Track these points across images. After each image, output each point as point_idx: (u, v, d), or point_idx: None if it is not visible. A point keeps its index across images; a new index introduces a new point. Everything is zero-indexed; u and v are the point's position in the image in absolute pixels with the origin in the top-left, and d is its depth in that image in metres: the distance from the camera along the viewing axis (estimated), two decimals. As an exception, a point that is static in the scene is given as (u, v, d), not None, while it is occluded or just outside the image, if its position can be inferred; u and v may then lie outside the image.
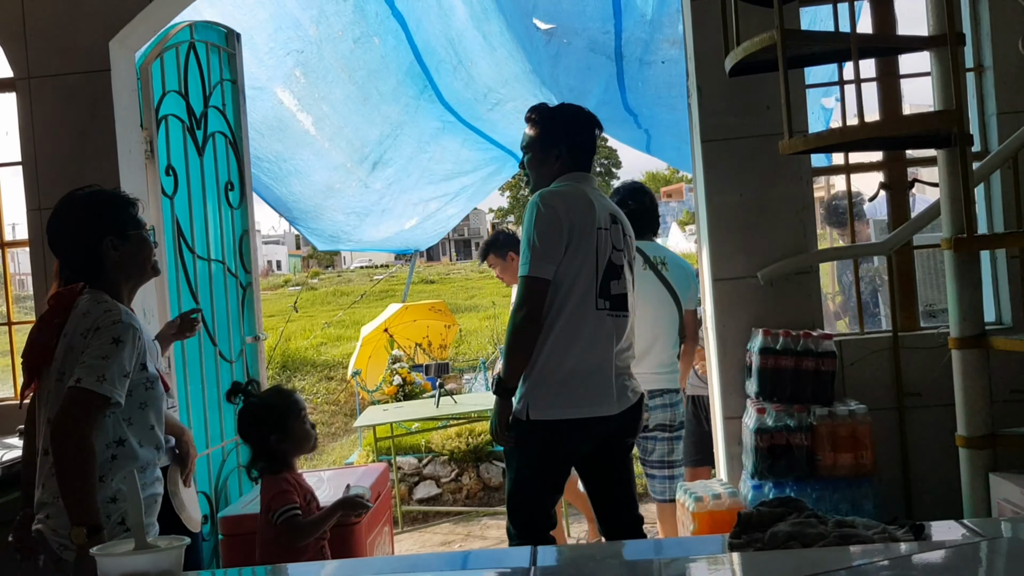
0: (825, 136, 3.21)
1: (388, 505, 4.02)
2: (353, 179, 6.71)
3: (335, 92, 5.90)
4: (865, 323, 4.07)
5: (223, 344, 4.13)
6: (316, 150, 6.26)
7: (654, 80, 5.72)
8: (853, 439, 3.38)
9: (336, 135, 6.25)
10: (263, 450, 2.86)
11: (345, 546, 3.31)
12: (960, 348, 2.97)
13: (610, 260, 2.92)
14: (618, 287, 2.93)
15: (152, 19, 3.75)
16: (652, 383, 3.88)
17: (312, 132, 6.08)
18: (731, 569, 1.54)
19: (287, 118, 5.89)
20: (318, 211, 6.81)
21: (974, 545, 1.53)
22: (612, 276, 2.93)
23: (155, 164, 3.77)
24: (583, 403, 2.84)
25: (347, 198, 6.87)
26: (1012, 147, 3.30)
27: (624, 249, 2.99)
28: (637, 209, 3.96)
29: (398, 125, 6.45)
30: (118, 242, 2.31)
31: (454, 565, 2.01)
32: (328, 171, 6.52)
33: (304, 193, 6.53)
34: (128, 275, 2.36)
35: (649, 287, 3.88)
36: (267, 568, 2.48)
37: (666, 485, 3.97)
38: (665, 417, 3.94)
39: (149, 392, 2.29)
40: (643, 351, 3.82)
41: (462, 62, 6.03)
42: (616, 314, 2.93)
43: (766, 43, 3.01)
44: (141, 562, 1.40)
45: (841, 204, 4.88)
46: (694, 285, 4.08)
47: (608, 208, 3.01)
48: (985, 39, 3.78)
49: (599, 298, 2.87)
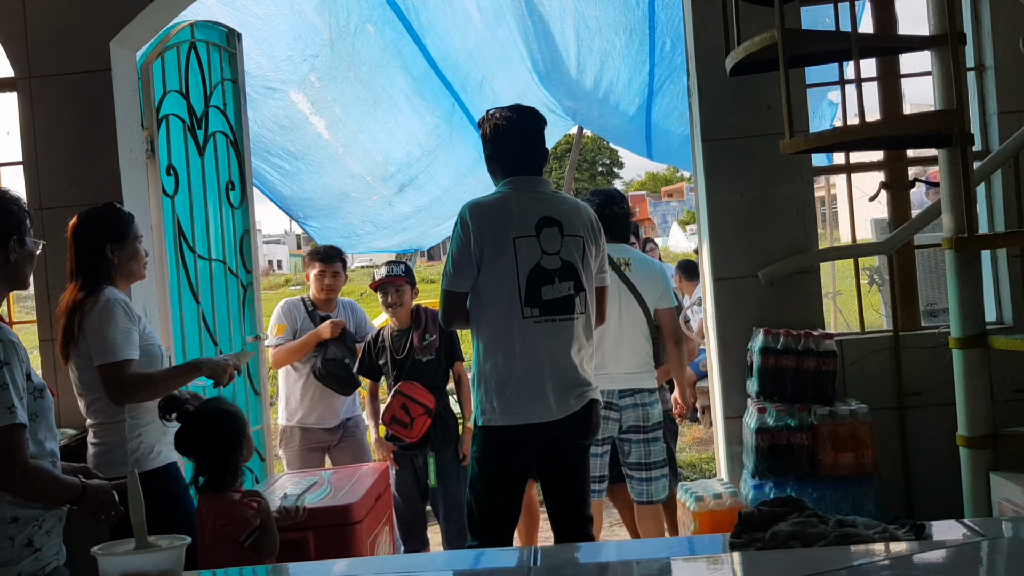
0: (826, 136, 3.21)
1: (389, 505, 4.02)
2: (374, 194, 6.59)
3: (345, 93, 5.81)
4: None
5: (224, 343, 4.13)
6: (330, 154, 6.15)
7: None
8: (854, 439, 3.38)
9: (351, 142, 6.13)
10: (223, 465, 2.65)
11: (345, 546, 3.31)
12: (961, 348, 2.97)
13: (538, 265, 2.90)
14: (553, 292, 2.90)
15: (153, 19, 3.75)
16: (622, 383, 3.86)
17: (326, 136, 5.98)
18: (732, 568, 1.54)
19: (299, 120, 5.81)
20: (332, 211, 6.69)
21: (975, 545, 1.53)
22: (542, 282, 2.90)
23: (156, 164, 3.77)
24: (515, 410, 2.89)
25: (367, 209, 6.76)
26: (1013, 147, 3.30)
27: (557, 252, 2.92)
28: (610, 215, 3.96)
29: (430, 151, 6.33)
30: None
31: (454, 565, 2.01)
32: (344, 178, 6.38)
33: (316, 193, 6.42)
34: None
35: (612, 288, 3.87)
36: (267, 568, 2.48)
37: (644, 487, 3.90)
38: (637, 416, 3.87)
39: (39, 403, 2.21)
40: (610, 351, 3.83)
41: (485, 77, 5.99)
42: (551, 319, 2.91)
43: (767, 42, 3.01)
44: (142, 562, 1.40)
45: None
46: (663, 284, 4.02)
47: (542, 212, 2.95)
48: (986, 38, 3.78)
49: (525, 306, 2.88)
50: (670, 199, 45.79)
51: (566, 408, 2.92)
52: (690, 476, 5.81)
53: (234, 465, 2.67)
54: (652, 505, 3.92)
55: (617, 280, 3.88)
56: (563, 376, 2.93)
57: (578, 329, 2.97)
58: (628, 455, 3.92)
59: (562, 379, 2.93)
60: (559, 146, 32.42)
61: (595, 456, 3.85)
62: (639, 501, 3.94)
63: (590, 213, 3.11)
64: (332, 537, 3.28)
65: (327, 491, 3.61)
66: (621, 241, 4.05)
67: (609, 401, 3.84)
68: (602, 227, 3.14)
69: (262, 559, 2.61)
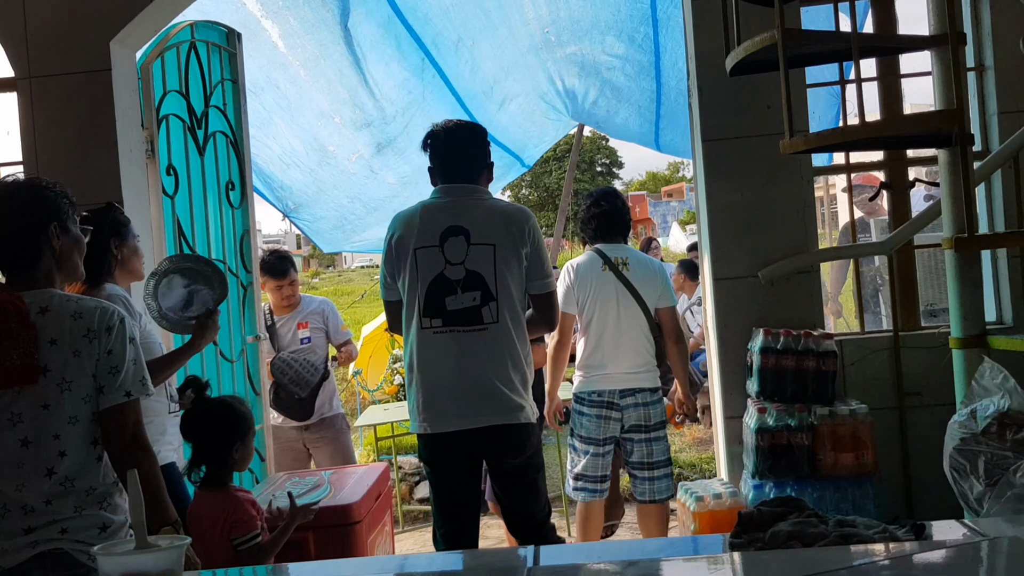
0: (826, 136, 3.21)
1: (389, 504, 4.03)
2: (350, 150, 6.25)
3: (300, 4, 5.23)
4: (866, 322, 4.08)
5: (224, 343, 4.13)
6: (292, 77, 5.61)
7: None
8: (854, 439, 3.38)
9: (311, 65, 5.57)
10: (217, 457, 2.69)
11: (345, 546, 3.31)
12: (961, 348, 2.97)
13: (441, 275, 2.89)
14: (457, 302, 2.87)
15: (153, 19, 3.75)
16: (623, 383, 3.87)
17: (281, 48, 5.41)
18: (732, 569, 1.53)
19: (251, 22, 5.16)
20: (318, 192, 6.36)
21: (975, 545, 1.53)
22: (445, 292, 2.89)
23: (156, 164, 3.77)
24: (428, 419, 2.93)
25: (350, 178, 6.45)
26: (1013, 147, 3.30)
27: (462, 262, 2.89)
28: (610, 210, 4.03)
29: (404, 108, 6.05)
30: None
31: (454, 565, 2.01)
32: (314, 116, 5.91)
33: (295, 151, 5.96)
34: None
35: (609, 288, 3.89)
36: (267, 568, 2.48)
37: (646, 486, 3.90)
38: (639, 416, 3.87)
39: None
40: (610, 351, 3.86)
41: (462, 39, 5.74)
42: (454, 330, 2.88)
43: (767, 43, 3.01)
44: (142, 561, 1.39)
45: None
46: (663, 283, 4.01)
47: (448, 221, 2.93)
48: (986, 38, 3.78)
49: (424, 317, 2.91)
50: (670, 199, 45.79)
51: (480, 420, 2.87)
52: (690, 476, 5.81)
53: (228, 463, 2.70)
54: (655, 504, 3.92)
55: (615, 280, 3.88)
56: (473, 387, 2.88)
57: (494, 340, 2.89)
58: (631, 454, 3.92)
59: (471, 390, 2.88)
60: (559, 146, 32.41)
61: (597, 456, 3.88)
62: (642, 500, 3.94)
63: (515, 218, 2.98)
64: (332, 537, 3.29)
65: (327, 491, 3.61)
66: (619, 239, 4.05)
67: (610, 401, 3.86)
68: (535, 232, 3.01)
69: (255, 563, 2.61)
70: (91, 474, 2.10)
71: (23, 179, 2.23)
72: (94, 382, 2.08)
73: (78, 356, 2.06)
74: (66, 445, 2.06)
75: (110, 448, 2.11)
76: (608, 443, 3.90)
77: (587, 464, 3.89)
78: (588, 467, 3.89)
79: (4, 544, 2.04)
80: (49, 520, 2.07)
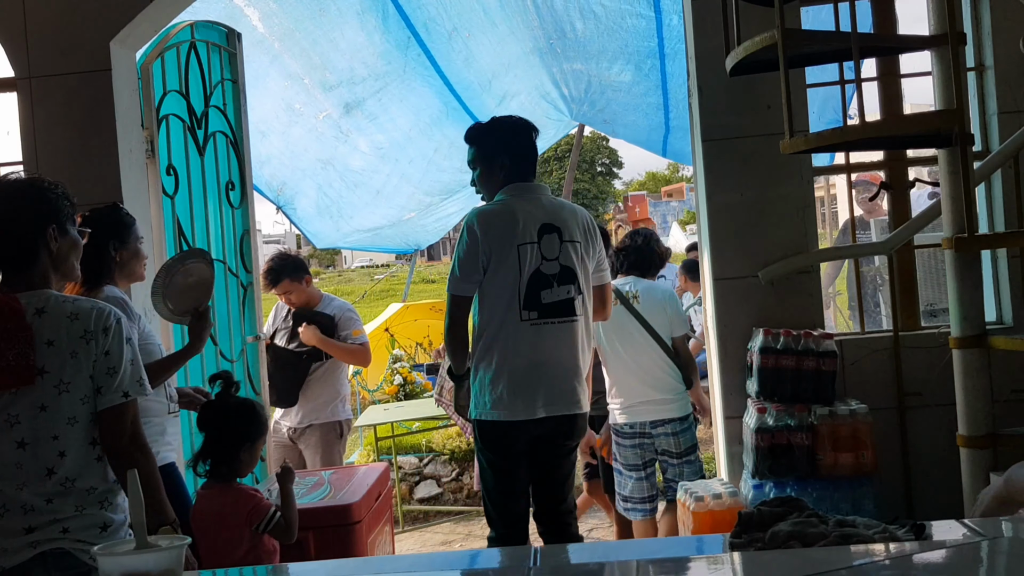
0: (826, 136, 3.21)
1: (389, 505, 4.03)
2: (318, 109, 6.17)
3: None
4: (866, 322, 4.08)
5: (224, 343, 4.13)
6: (266, 49, 5.62)
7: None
8: (854, 439, 3.38)
9: (287, 37, 5.62)
10: (226, 453, 2.73)
11: (345, 546, 3.31)
12: (961, 348, 2.97)
13: (538, 271, 3.06)
14: (552, 295, 3.06)
15: (153, 19, 3.75)
16: (653, 414, 4.00)
17: (260, 29, 5.48)
18: (731, 569, 1.53)
19: (235, 11, 5.26)
20: (292, 158, 6.25)
21: (975, 545, 1.53)
22: (541, 286, 3.06)
23: (156, 164, 3.77)
24: (507, 407, 3.04)
25: (320, 137, 6.33)
26: (1013, 147, 3.30)
27: (556, 258, 3.08)
28: (642, 246, 4.21)
29: (380, 75, 6.00)
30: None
31: (455, 565, 2.01)
32: (283, 78, 5.90)
33: (267, 119, 5.92)
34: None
35: (624, 322, 3.98)
36: (267, 568, 2.49)
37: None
38: (668, 444, 4.03)
39: None
40: (635, 385, 3.99)
41: (457, 29, 5.73)
42: (550, 321, 3.06)
43: (767, 43, 3.01)
44: (142, 561, 1.39)
45: None
46: (672, 311, 4.08)
47: (542, 219, 3.10)
48: (986, 38, 3.78)
49: (523, 309, 3.04)
50: (670, 199, 45.77)
51: (554, 409, 3.07)
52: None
53: (235, 462, 2.73)
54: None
55: (626, 313, 4.00)
56: (559, 376, 3.09)
57: (579, 330, 3.13)
58: (665, 471, 4.11)
59: (557, 379, 3.08)
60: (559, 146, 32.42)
61: (641, 479, 4.07)
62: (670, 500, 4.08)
63: (585, 216, 3.25)
64: (332, 537, 3.29)
65: (327, 491, 3.61)
66: (639, 275, 4.14)
67: (643, 432, 4.03)
68: (597, 228, 3.28)
69: (286, 540, 2.70)
70: (91, 474, 2.10)
71: (25, 178, 2.22)
72: (92, 383, 2.08)
73: (75, 357, 2.06)
74: (65, 445, 2.06)
75: (108, 448, 2.11)
76: (650, 465, 4.09)
77: (633, 488, 4.09)
78: (635, 490, 4.08)
79: (5, 543, 2.04)
80: (50, 519, 2.07)
